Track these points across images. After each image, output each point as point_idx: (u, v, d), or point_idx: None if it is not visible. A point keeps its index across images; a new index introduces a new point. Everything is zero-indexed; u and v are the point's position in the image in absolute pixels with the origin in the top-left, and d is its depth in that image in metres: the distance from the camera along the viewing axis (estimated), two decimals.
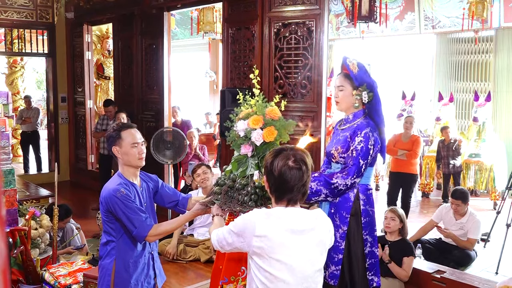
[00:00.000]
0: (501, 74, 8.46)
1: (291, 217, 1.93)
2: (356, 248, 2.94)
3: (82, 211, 6.73)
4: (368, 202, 2.97)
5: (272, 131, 2.47)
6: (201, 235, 4.90)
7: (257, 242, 1.90)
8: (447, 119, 8.02)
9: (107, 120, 6.91)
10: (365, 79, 2.91)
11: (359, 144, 2.83)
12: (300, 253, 1.92)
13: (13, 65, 10.97)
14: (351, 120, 2.99)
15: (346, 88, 2.96)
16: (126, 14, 7.09)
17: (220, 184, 2.54)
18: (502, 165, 7.51)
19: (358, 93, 2.92)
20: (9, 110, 3.97)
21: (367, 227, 2.95)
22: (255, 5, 5.12)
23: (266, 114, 2.51)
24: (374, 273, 3.02)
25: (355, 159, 2.82)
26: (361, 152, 2.82)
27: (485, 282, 3.77)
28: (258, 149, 2.50)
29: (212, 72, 12.03)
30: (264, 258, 1.91)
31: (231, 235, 2.00)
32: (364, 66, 2.95)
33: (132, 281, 2.54)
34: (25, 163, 9.44)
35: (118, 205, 2.42)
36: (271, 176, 1.96)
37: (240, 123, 2.52)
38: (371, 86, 2.92)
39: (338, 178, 2.82)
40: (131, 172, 2.57)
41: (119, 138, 2.53)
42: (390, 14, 8.71)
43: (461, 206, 4.88)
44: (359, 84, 2.91)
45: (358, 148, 2.83)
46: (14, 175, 3.76)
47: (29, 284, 3.63)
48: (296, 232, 1.91)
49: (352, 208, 2.91)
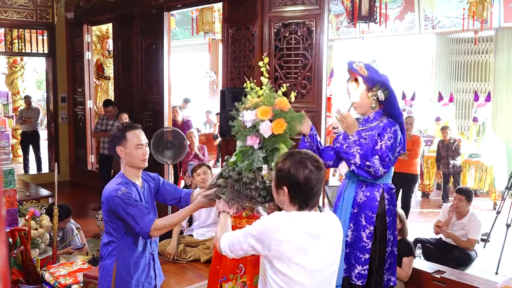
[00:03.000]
0: (501, 74, 8.45)
1: (310, 221, 1.92)
2: (381, 248, 2.95)
3: (82, 211, 6.73)
4: (392, 201, 2.99)
5: (282, 124, 2.34)
6: (200, 236, 4.90)
7: (278, 246, 1.86)
8: (447, 119, 8.01)
9: (106, 120, 6.91)
10: (376, 78, 2.91)
11: (389, 140, 2.87)
12: (319, 257, 1.91)
13: (13, 65, 10.97)
14: (372, 120, 3.00)
15: (360, 92, 2.97)
16: (126, 14, 7.09)
17: (225, 176, 2.38)
18: (502, 165, 7.51)
19: (373, 93, 2.93)
20: (9, 110, 3.97)
21: (391, 226, 2.97)
22: (255, 5, 5.12)
23: (275, 105, 2.38)
24: (392, 273, 3.04)
25: (387, 154, 2.85)
26: (391, 148, 2.87)
27: (485, 282, 3.77)
28: (266, 141, 2.36)
29: (212, 72, 12.03)
30: (283, 262, 1.87)
31: (248, 239, 1.93)
32: (371, 65, 2.95)
33: (133, 282, 2.54)
34: (25, 163, 9.44)
35: (119, 203, 2.42)
36: (294, 187, 1.89)
37: (247, 113, 2.37)
38: (384, 83, 2.92)
39: (376, 161, 2.83)
40: (133, 172, 2.57)
41: (124, 138, 2.52)
42: (390, 14, 8.71)
43: (463, 202, 4.87)
44: (372, 84, 2.92)
45: (389, 144, 2.87)
46: (14, 175, 3.76)
47: (29, 284, 3.63)
48: (315, 237, 1.90)
49: (378, 207, 2.92)
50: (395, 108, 3.00)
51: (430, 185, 8.04)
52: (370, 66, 2.93)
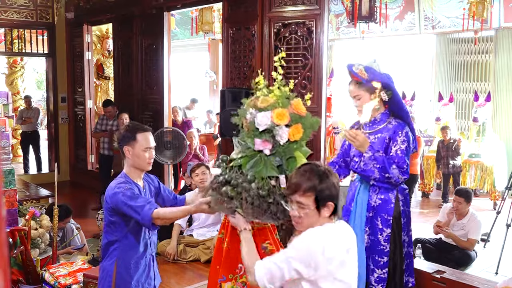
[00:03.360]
0: (501, 74, 8.45)
1: (343, 234, 1.88)
2: (397, 250, 2.92)
3: (82, 211, 6.73)
4: (406, 203, 2.97)
5: (299, 130, 2.13)
6: (200, 236, 4.90)
7: (328, 265, 1.78)
8: (447, 119, 8.01)
9: (106, 120, 6.91)
10: (378, 79, 2.87)
11: (402, 144, 2.83)
12: (353, 269, 1.90)
13: (13, 65, 10.97)
14: (379, 121, 2.95)
15: (362, 95, 2.91)
16: (126, 14, 7.09)
17: (233, 184, 2.11)
18: (502, 165, 7.51)
19: (376, 95, 2.89)
20: (9, 110, 3.97)
21: (405, 228, 2.94)
22: (255, 5, 5.12)
23: (292, 108, 2.15)
24: (410, 274, 3.02)
25: (404, 160, 2.80)
26: (407, 152, 2.82)
27: (485, 282, 3.77)
28: (278, 147, 2.12)
29: (212, 72, 12.02)
30: (328, 280, 1.80)
31: (290, 265, 1.78)
32: (372, 67, 2.89)
33: (133, 282, 2.54)
34: (25, 163, 9.43)
35: (120, 198, 2.41)
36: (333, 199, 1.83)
37: (261, 116, 2.10)
38: (386, 84, 2.87)
39: (395, 171, 2.78)
40: (137, 174, 2.58)
41: (133, 139, 2.51)
42: (390, 14, 8.71)
43: (463, 204, 4.87)
44: (371, 86, 2.88)
45: (403, 148, 2.82)
46: (14, 175, 3.76)
47: (29, 284, 3.63)
48: (348, 250, 1.86)
49: (394, 210, 2.89)
50: (402, 108, 2.96)
51: (430, 185, 8.04)
52: (370, 67, 2.87)
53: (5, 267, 0.67)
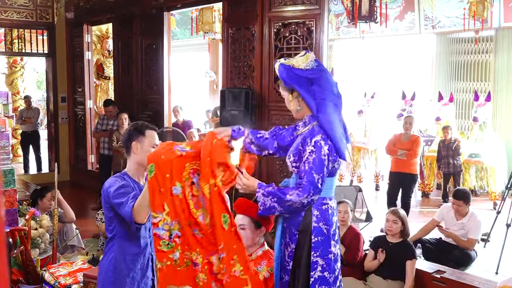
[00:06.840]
0: (501, 74, 8.45)
1: None
2: (301, 272, 2.44)
3: (82, 211, 6.72)
4: (323, 218, 2.43)
5: None
6: None
7: None
8: (447, 119, 8.01)
9: (107, 120, 6.91)
10: (289, 80, 2.47)
11: (310, 155, 2.35)
12: None
13: (13, 65, 10.97)
14: (307, 123, 2.50)
15: (284, 95, 2.58)
16: (126, 14, 7.10)
17: None
18: (502, 165, 7.51)
19: (295, 95, 2.50)
20: (9, 110, 3.96)
21: (318, 248, 2.42)
22: (255, 5, 5.12)
23: None
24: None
25: (309, 174, 2.33)
26: (314, 165, 2.33)
27: (485, 282, 3.77)
28: None
29: (212, 72, 12.01)
30: None
31: None
32: (288, 64, 2.48)
33: (128, 279, 2.55)
34: (25, 163, 9.43)
35: (111, 193, 2.42)
36: None
37: None
38: (301, 83, 2.46)
39: (293, 195, 2.32)
40: (140, 171, 2.58)
41: (142, 135, 2.54)
42: (390, 14, 8.71)
43: (462, 206, 4.88)
44: (289, 86, 2.49)
45: (310, 160, 2.34)
46: (14, 175, 3.76)
47: (29, 284, 3.64)
48: None
49: (302, 224, 2.43)
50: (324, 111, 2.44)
51: (430, 185, 8.04)
52: (285, 64, 2.47)
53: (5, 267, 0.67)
